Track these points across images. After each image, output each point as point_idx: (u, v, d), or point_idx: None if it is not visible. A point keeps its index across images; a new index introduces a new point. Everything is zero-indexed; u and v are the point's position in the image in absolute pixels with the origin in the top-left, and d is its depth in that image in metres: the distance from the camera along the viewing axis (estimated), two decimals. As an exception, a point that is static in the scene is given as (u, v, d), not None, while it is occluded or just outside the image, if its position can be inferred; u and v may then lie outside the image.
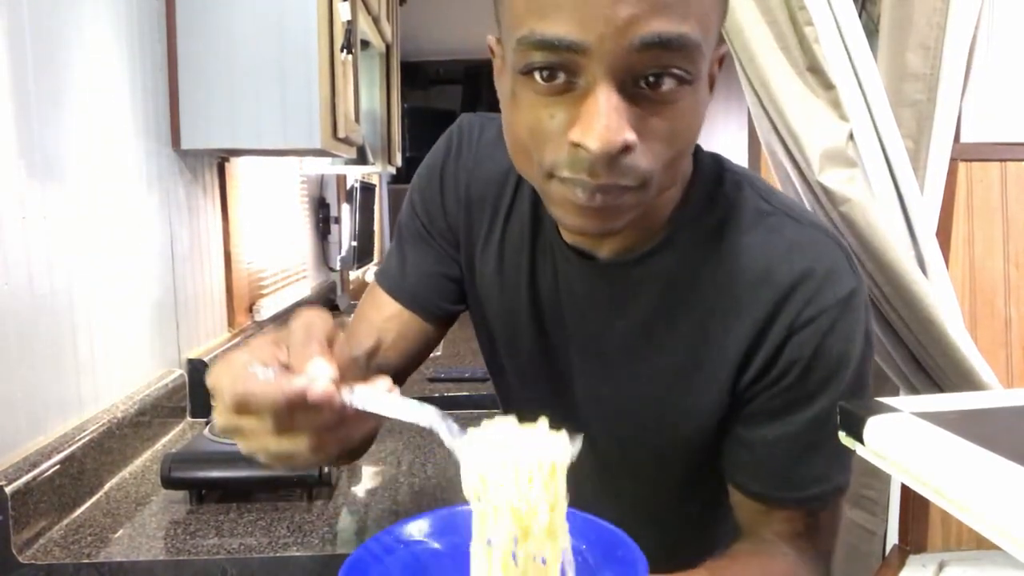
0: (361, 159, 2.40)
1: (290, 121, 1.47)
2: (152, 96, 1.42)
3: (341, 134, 1.62)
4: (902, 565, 1.38)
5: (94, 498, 1.13)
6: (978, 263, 1.54)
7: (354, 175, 2.95)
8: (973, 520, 0.43)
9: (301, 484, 1.11)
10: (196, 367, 1.54)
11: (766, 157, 1.42)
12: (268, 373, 0.51)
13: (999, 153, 1.53)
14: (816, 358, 0.68)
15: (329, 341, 0.54)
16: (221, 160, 1.74)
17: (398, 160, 2.87)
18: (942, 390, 1.40)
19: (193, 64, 1.46)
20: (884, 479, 1.55)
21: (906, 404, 0.53)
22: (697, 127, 0.60)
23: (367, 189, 2.98)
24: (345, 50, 1.68)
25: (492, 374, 0.91)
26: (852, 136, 1.31)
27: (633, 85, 0.55)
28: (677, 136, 0.58)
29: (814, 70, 1.30)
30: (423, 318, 0.83)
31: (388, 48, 2.66)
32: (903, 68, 1.38)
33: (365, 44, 2.30)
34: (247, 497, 1.12)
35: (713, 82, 0.63)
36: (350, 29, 1.71)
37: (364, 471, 1.26)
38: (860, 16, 1.35)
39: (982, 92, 1.51)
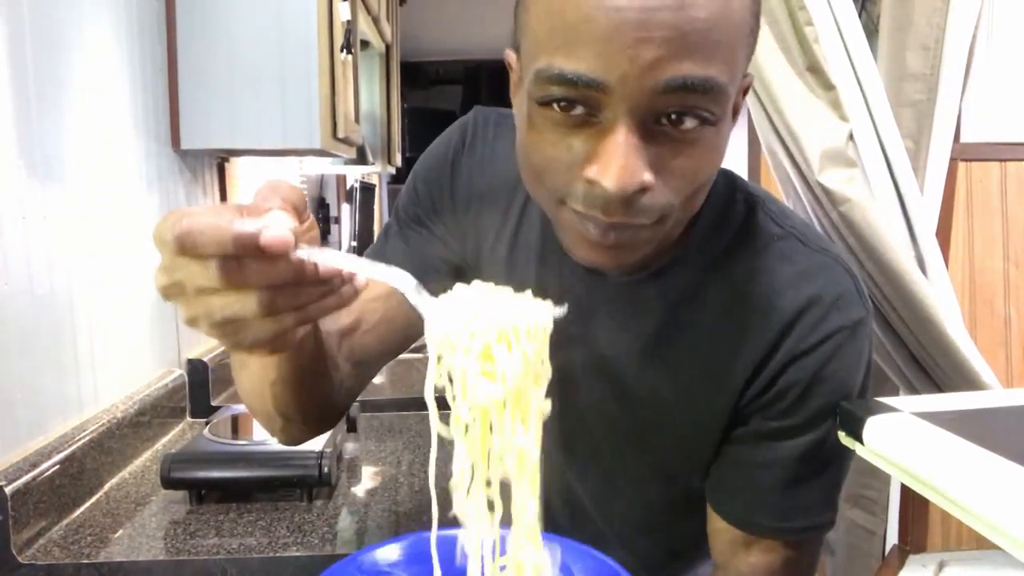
0: (361, 159, 2.40)
1: (290, 121, 1.47)
2: (152, 96, 1.42)
3: (341, 134, 1.62)
4: (902, 565, 1.38)
5: (94, 498, 1.13)
6: (978, 263, 1.54)
7: (354, 175, 2.95)
8: (973, 520, 0.43)
9: (301, 484, 1.11)
10: (196, 367, 1.54)
11: (766, 157, 1.42)
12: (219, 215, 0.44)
13: (999, 153, 1.53)
14: (815, 383, 0.66)
15: (295, 207, 0.49)
16: (221, 160, 1.74)
17: (398, 160, 2.87)
18: (942, 390, 1.40)
19: (193, 64, 1.46)
20: (884, 479, 1.55)
21: (906, 404, 0.53)
22: (718, 163, 0.59)
23: (367, 189, 2.98)
24: (345, 50, 1.68)
25: None
26: (852, 136, 1.31)
27: (654, 122, 0.54)
28: (696, 174, 0.57)
29: (814, 70, 1.30)
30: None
31: (388, 48, 2.66)
32: (903, 68, 1.38)
33: (365, 44, 2.30)
34: (247, 497, 1.12)
35: (737, 111, 0.62)
36: (350, 29, 1.71)
37: (364, 471, 1.26)
38: (860, 16, 1.36)
39: (982, 92, 1.51)
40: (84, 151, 1.20)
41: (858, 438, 0.53)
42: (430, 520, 0.52)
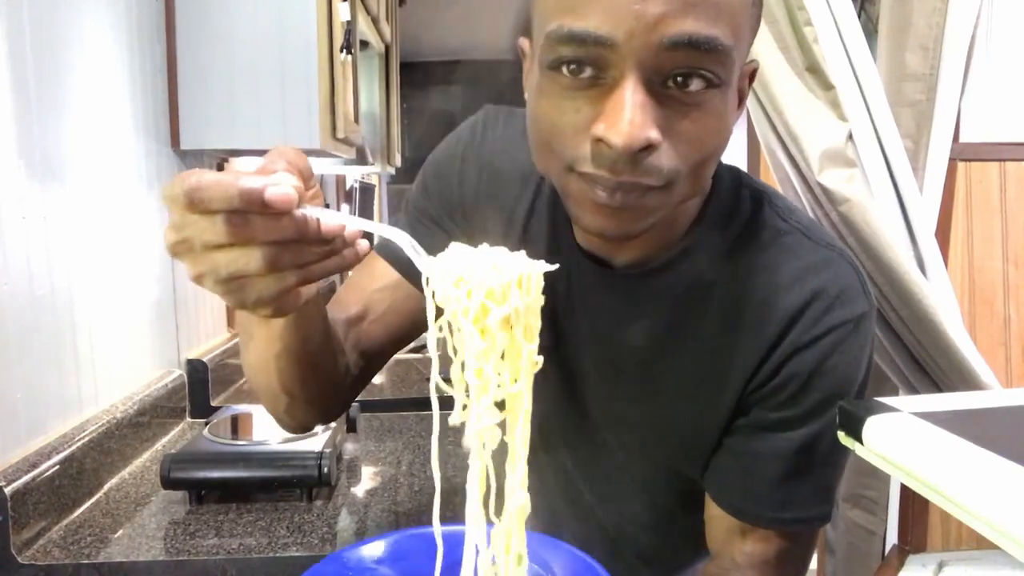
0: (360, 159, 2.40)
1: (290, 121, 1.47)
2: (152, 96, 1.42)
3: (340, 134, 1.62)
4: (902, 565, 1.38)
5: (94, 498, 1.13)
6: (977, 263, 1.54)
7: (353, 175, 2.95)
8: (972, 520, 0.43)
9: (301, 484, 1.11)
10: (196, 367, 1.54)
11: (765, 157, 1.42)
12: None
13: (998, 153, 1.53)
14: (816, 376, 0.67)
15: (300, 172, 0.51)
16: (221, 160, 1.74)
17: (397, 160, 2.86)
18: (941, 390, 1.40)
19: (193, 64, 1.46)
20: (884, 479, 1.55)
21: (905, 404, 0.53)
22: (725, 134, 0.60)
23: (366, 189, 2.98)
24: (345, 50, 1.68)
25: None
26: (851, 136, 1.31)
27: (661, 84, 0.55)
28: (703, 139, 0.58)
29: (813, 70, 1.30)
30: (420, 290, 0.81)
31: (387, 48, 2.66)
32: (902, 68, 1.38)
33: (365, 44, 2.30)
34: (247, 497, 1.12)
35: (743, 97, 0.63)
36: (350, 29, 1.71)
37: (364, 471, 1.26)
38: (859, 16, 1.36)
39: (981, 92, 1.51)
40: (84, 151, 1.20)
41: (858, 438, 0.53)
42: (430, 521, 0.52)
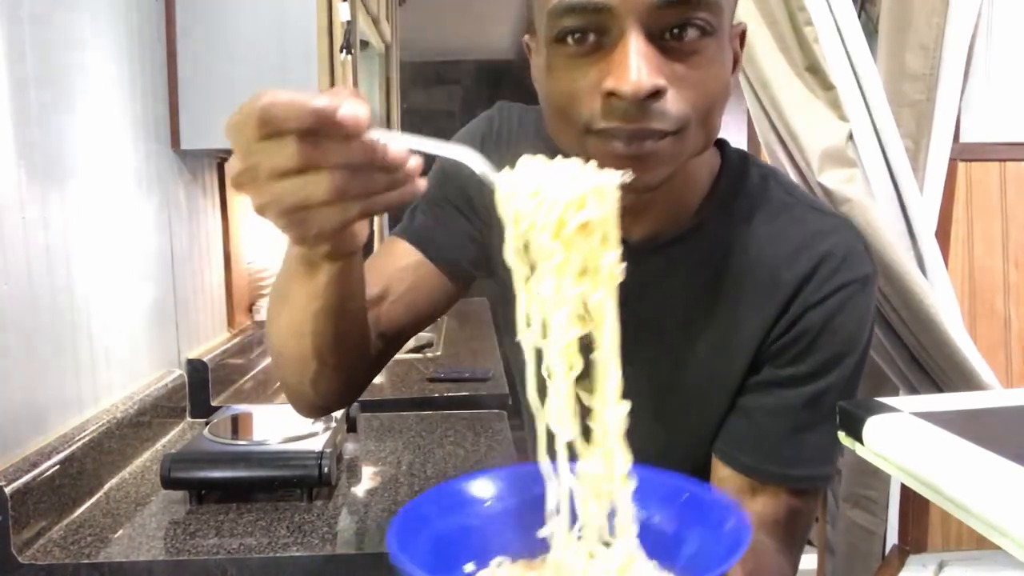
0: (361, 159, 2.39)
1: (290, 121, 1.47)
2: (152, 96, 1.42)
3: (341, 134, 1.62)
4: (902, 565, 1.38)
5: (94, 498, 1.13)
6: (977, 263, 1.53)
7: (354, 175, 2.94)
8: (973, 520, 0.43)
9: (301, 484, 1.11)
10: (196, 367, 1.54)
11: (765, 157, 1.42)
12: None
13: (999, 153, 1.53)
14: (824, 333, 0.71)
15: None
16: (221, 160, 1.74)
17: (398, 160, 2.86)
18: (942, 390, 1.40)
19: (193, 64, 1.46)
20: (884, 479, 1.55)
21: (906, 404, 0.53)
22: (724, 80, 0.64)
23: (367, 189, 2.98)
24: (345, 50, 1.68)
25: (514, 359, 0.90)
26: (852, 136, 1.31)
27: (659, 37, 0.60)
28: (705, 84, 0.62)
29: (814, 70, 1.30)
30: (443, 271, 0.82)
31: (388, 48, 2.66)
32: (902, 68, 1.38)
33: (365, 44, 2.30)
34: (247, 497, 1.12)
35: (737, 60, 0.68)
36: (350, 30, 1.71)
37: (364, 471, 1.26)
38: (860, 16, 1.36)
39: (981, 92, 1.51)
40: (84, 151, 1.20)
41: (858, 438, 0.53)
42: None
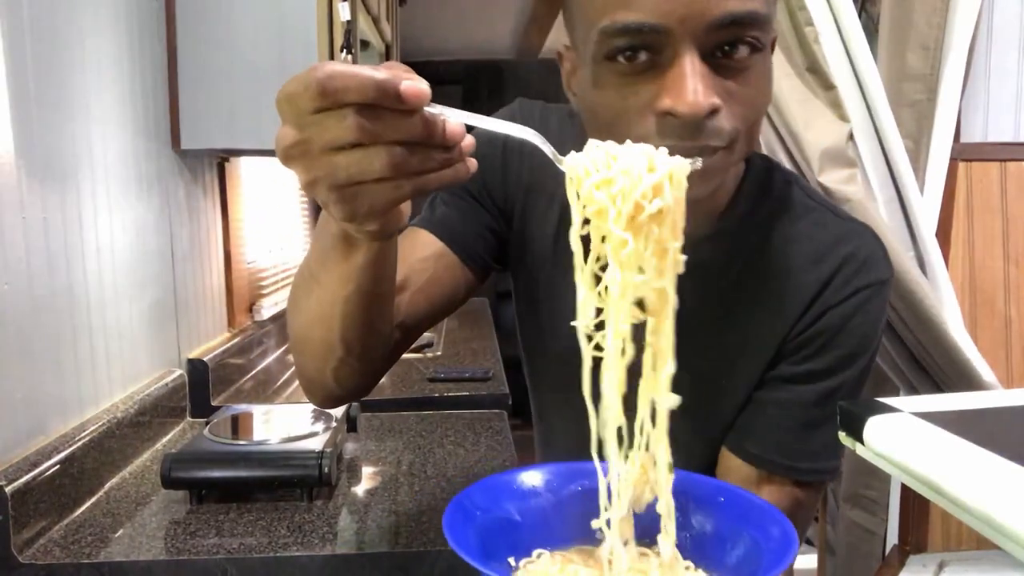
0: (361, 159, 2.39)
1: (290, 121, 1.47)
2: (152, 96, 1.42)
3: (341, 134, 1.62)
4: (902, 565, 1.38)
5: (94, 498, 1.13)
6: (978, 263, 1.54)
7: (354, 175, 2.94)
8: (973, 520, 0.43)
9: (301, 484, 1.11)
10: (196, 367, 1.54)
11: (766, 157, 1.42)
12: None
13: (999, 153, 1.53)
14: (842, 333, 0.74)
15: None
16: (221, 160, 1.74)
17: (398, 160, 2.86)
18: (942, 390, 1.40)
19: (193, 64, 1.46)
20: (884, 479, 1.55)
21: (906, 404, 0.53)
22: (769, 92, 0.66)
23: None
24: (345, 50, 1.68)
25: (526, 346, 0.91)
26: (852, 136, 1.31)
27: (711, 56, 0.61)
28: (755, 99, 0.64)
29: (814, 70, 1.30)
30: (465, 263, 0.81)
31: (388, 48, 2.65)
32: (903, 68, 1.38)
33: (365, 44, 2.29)
34: (247, 497, 1.12)
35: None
36: (350, 29, 1.71)
37: (364, 471, 1.26)
38: (860, 16, 1.36)
39: (982, 92, 1.51)
40: (84, 151, 1.20)
41: (859, 438, 0.53)
42: (430, 521, 0.52)
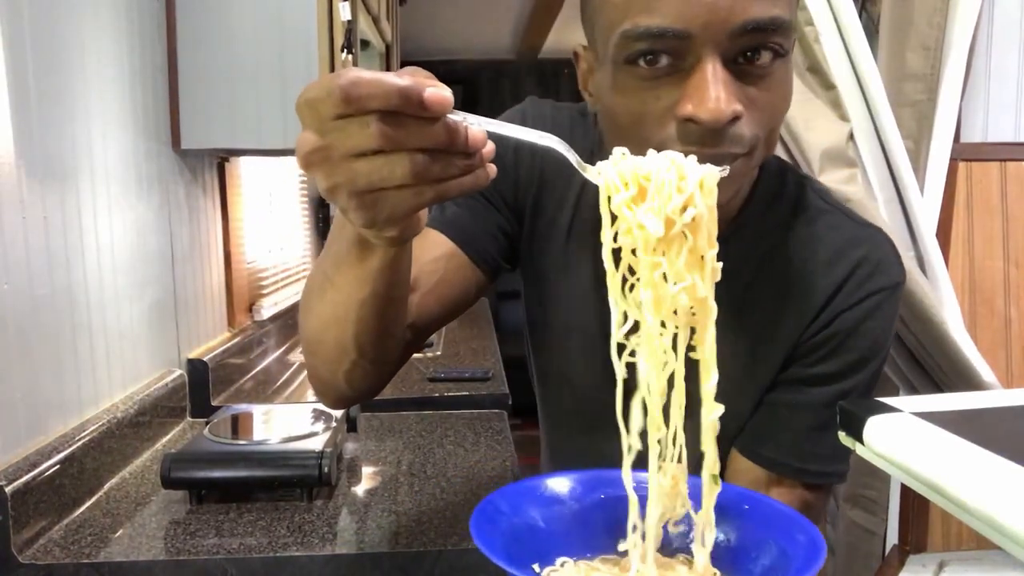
0: (361, 159, 2.39)
1: (290, 121, 1.47)
2: (152, 96, 1.42)
3: (341, 134, 1.62)
4: (902, 565, 1.38)
5: (94, 498, 1.13)
6: (978, 263, 1.53)
7: (354, 175, 2.94)
8: (973, 520, 0.43)
9: (301, 484, 1.11)
10: (196, 367, 1.54)
11: (766, 157, 1.42)
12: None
13: (999, 153, 1.53)
14: (853, 337, 0.74)
15: None
16: (221, 160, 1.74)
17: (398, 160, 2.85)
18: (942, 390, 1.40)
19: (193, 64, 1.46)
20: (884, 479, 1.55)
21: (906, 404, 0.53)
22: (790, 97, 0.66)
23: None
24: (345, 50, 1.68)
25: (536, 349, 0.91)
26: (852, 136, 1.31)
27: (733, 62, 0.61)
28: (776, 105, 0.64)
29: (814, 70, 1.30)
30: (475, 263, 0.81)
31: (388, 48, 2.65)
32: (903, 68, 1.38)
33: (365, 44, 2.29)
34: (247, 497, 1.12)
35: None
36: (350, 29, 1.71)
37: (364, 471, 1.26)
38: (860, 16, 1.35)
39: (982, 92, 1.51)
40: (84, 151, 1.20)
41: (858, 438, 0.53)
42: (430, 522, 0.52)
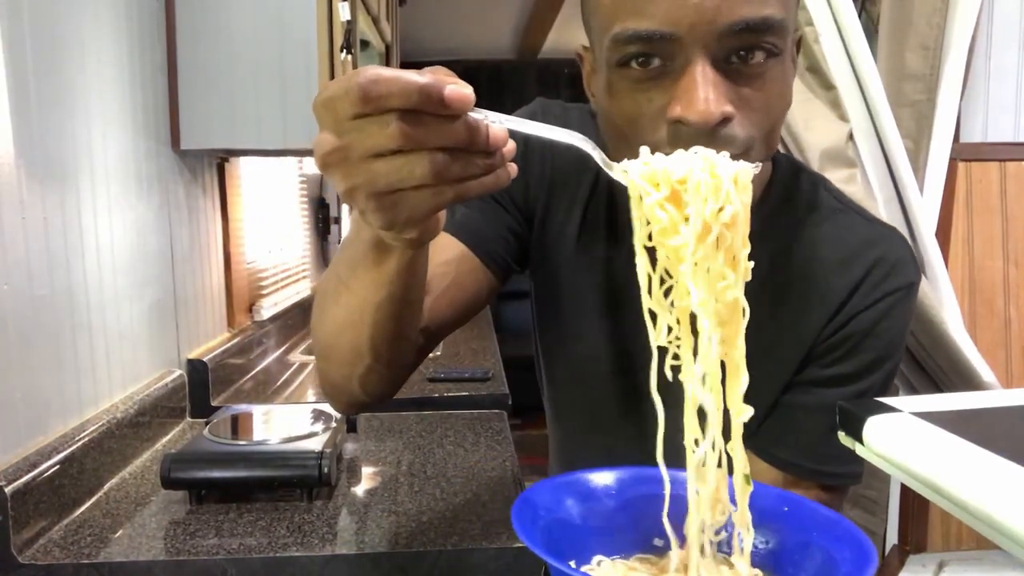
0: (361, 159, 2.39)
1: (290, 121, 1.47)
2: (152, 96, 1.42)
3: (341, 134, 1.62)
4: (902, 565, 1.38)
5: (94, 498, 1.13)
6: (977, 262, 1.54)
7: (354, 175, 2.94)
8: (972, 520, 0.43)
9: (301, 484, 1.11)
10: (196, 367, 1.54)
11: (766, 157, 1.42)
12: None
13: (999, 153, 1.53)
14: (869, 337, 0.73)
15: None
16: (221, 160, 1.74)
17: (398, 160, 2.85)
18: (941, 390, 1.40)
19: (193, 64, 1.46)
20: (884, 479, 1.55)
21: (906, 404, 0.53)
22: (787, 98, 0.65)
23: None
24: (345, 50, 1.68)
25: (546, 350, 0.91)
26: (852, 136, 1.31)
27: (725, 61, 0.60)
28: (771, 106, 0.63)
29: (814, 70, 1.30)
30: (487, 265, 0.80)
31: (388, 48, 2.65)
32: (903, 68, 1.38)
33: (365, 44, 2.29)
34: (247, 497, 1.12)
35: (794, 62, 0.68)
36: (350, 29, 1.71)
37: (364, 471, 1.26)
38: (860, 16, 1.36)
39: (982, 92, 1.51)
40: (84, 151, 1.20)
41: (858, 438, 0.53)
42: (429, 521, 0.52)
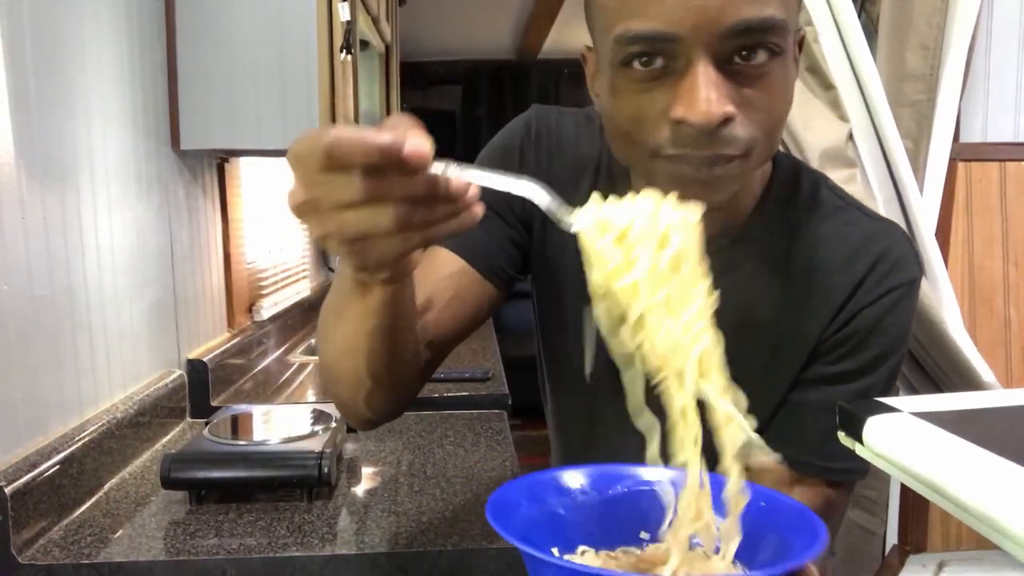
0: (361, 159, 2.39)
1: (290, 121, 1.47)
2: (152, 96, 1.42)
3: (341, 134, 1.62)
4: (902, 565, 1.38)
5: (94, 498, 1.13)
6: (977, 262, 1.54)
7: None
8: (973, 520, 0.43)
9: (301, 484, 1.11)
10: (196, 367, 1.54)
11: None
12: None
13: (998, 153, 1.53)
14: (874, 333, 0.74)
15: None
16: (221, 160, 1.74)
17: (398, 160, 2.85)
18: (941, 390, 1.40)
19: (193, 64, 1.46)
20: (884, 479, 1.55)
21: (906, 404, 0.53)
22: (789, 98, 0.66)
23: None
24: (345, 50, 1.68)
25: (549, 358, 0.90)
26: (852, 136, 1.31)
27: (727, 62, 0.60)
28: (773, 105, 0.63)
29: (814, 70, 1.30)
30: (487, 278, 0.81)
31: (388, 48, 2.66)
32: (903, 68, 1.38)
33: (365, 44, 2.29)
34: (247, 497, 1.12)
35: (796, 61, 0.68)
36: (350, 29, 1.71)
37: (364, 471, 1.26)
38: (860, 16, 1.36)
39: (982, 92, 1.51)
40: (84, 151, 1.20)
41: (858, 438, 0.53)
42: (429, 522, 0.52)
